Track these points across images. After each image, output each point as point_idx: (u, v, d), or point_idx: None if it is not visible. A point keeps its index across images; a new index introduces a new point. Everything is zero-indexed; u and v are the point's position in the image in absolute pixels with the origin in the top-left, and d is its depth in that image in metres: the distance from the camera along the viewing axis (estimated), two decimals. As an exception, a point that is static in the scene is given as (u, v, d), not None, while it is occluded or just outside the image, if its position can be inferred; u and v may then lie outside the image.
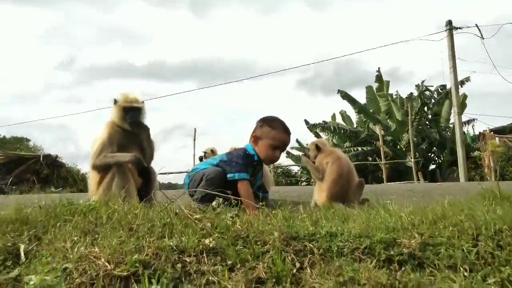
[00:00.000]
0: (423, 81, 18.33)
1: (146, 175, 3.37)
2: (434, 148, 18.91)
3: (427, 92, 17.92)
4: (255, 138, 3.04)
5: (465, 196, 4.31)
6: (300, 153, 22.50)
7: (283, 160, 23.29)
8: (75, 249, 1.69)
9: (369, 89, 19.24)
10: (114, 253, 1.63)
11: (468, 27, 13.42)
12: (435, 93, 18.20)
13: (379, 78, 18.63)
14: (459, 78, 14.47)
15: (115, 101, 3.29)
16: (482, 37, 13.23)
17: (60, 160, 11.35)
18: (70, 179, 10.96)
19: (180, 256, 1.65)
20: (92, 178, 3.33)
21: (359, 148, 17.88)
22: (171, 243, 1.70)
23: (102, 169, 3.17)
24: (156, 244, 1.68)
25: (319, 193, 3.48)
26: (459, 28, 13.46)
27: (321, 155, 3.62)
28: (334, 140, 21.02)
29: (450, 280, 1.39)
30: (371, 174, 18.34)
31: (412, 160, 13.65)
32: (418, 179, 12.46)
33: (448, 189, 4.97)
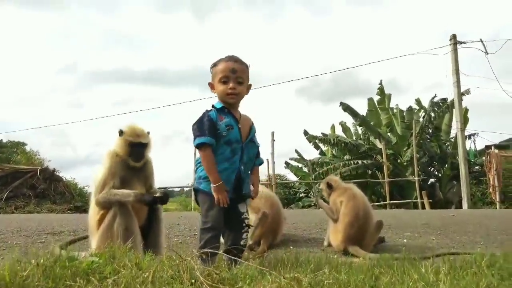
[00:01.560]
0: (433, 97, 18.13)
1: (151, 209, 3.20)
2: (434, 162, 18.76)
3: (431, 107, 17.73)
4: (211, 87, 2.60)
5: (485, 231, 4.15)
6: (299, 164, 22.36)
7: (282, 171, 23.13)
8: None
9: (370, 101, 19.08)
10: None
11: (472, 41, 13.34)
12: (435, 106, 18.07)
13: (381, 90, 18.49)
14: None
15: (121, 133, 3.11)
16: (486, 52, 13.15)
17: (57, 173, 11.09)
18: (68, 194, 10.69)
19: None
20: (93, 214, 3.14)
21: (359, 162, 17.67)
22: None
23: (105, 206, 3.00)
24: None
25: (334, 235, 3.28)
26: (463, 42, 13.37)
27: (335, 193, 3.42)
28: (334, 152, 20.86)
29: None
30: (371, 189, 18.14)
31: (416, 178, 13.44)
32: (422, 198, 12.27)
33: (463, 221, 4.78)
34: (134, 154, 3.04)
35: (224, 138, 2.43)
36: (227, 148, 2.44)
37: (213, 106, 2.55)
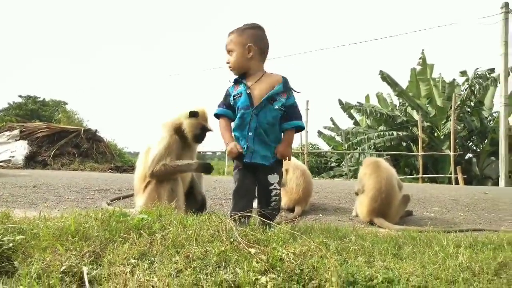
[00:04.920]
0: (477, 68, 17.36)
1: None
2: (474, 136, 18.18)
3: (474, 80, 16.97)
4: None
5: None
6: (332, 133, 22.31)
7: (314, 140, 23.21)
8: (135, 276, 1.74)
9: (413, 71, 18.53)
10: (173, 285, 1.68)
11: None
12: (481, 78, 17.27)
13: (423, 60, 17.84)
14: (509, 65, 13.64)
15: (195, 114, 3.22)
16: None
17: (99, 134, 11.69)
18: (108, 154, 11.30)
19: (237, 293, 1.67)
20: (140, 178, 3.36)
21: (394, 133, 17.41)
22: (227, 277, 1.72)
23: (162, 178, 3.17)
24: (212, 278, 1.71)
25: (360, 207, 3.44)
26: (516, 10, 12.61)
27: (362, 166, 3.60)
28: (369, 122, 20.59)
29: None
30: (405, 160, 17.93)
31: (452, 153, 13.14)
32: (456, 174, 12.05)
33: (495, 198, 4.77)
34: (200, 137, 3.26)
35: (236, 106, 2.54)
36: (238, 116, 2.53)
37: (230, 81, 2.66)
